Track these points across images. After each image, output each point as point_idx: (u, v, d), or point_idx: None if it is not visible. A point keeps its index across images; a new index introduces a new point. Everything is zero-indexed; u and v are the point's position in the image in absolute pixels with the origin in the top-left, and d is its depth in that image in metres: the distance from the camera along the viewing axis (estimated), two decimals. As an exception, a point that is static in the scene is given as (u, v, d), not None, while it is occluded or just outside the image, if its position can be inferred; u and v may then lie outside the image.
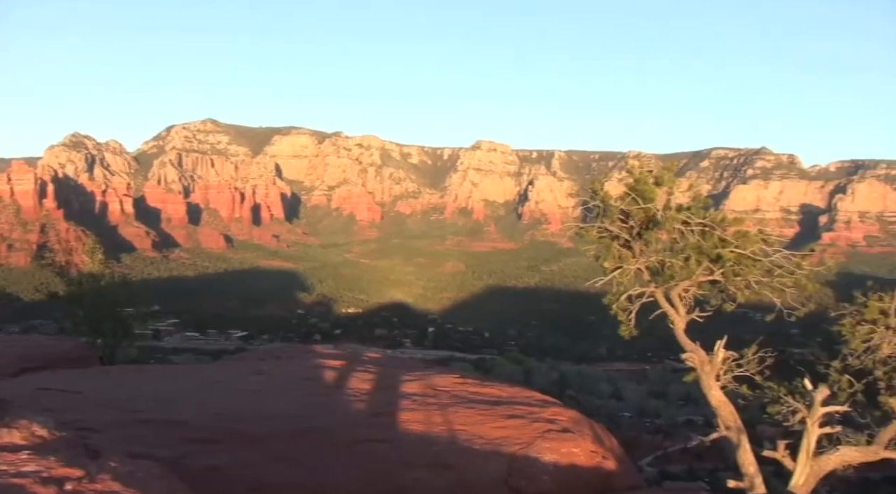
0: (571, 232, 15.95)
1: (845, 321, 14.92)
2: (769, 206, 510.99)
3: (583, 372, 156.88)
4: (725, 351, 15.12)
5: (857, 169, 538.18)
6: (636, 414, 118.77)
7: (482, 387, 18.39)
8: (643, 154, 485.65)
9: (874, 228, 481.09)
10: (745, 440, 14.91)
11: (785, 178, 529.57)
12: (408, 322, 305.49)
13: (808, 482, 14.65)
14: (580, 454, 14.19)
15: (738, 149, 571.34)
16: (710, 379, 14.89)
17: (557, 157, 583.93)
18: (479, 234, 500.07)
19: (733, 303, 14.79)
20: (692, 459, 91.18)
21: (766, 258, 14.20)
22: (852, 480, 78.82)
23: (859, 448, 15.00)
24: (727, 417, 14.95)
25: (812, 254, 15.00)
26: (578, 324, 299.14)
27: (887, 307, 14.63)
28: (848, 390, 14.98)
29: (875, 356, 14.75)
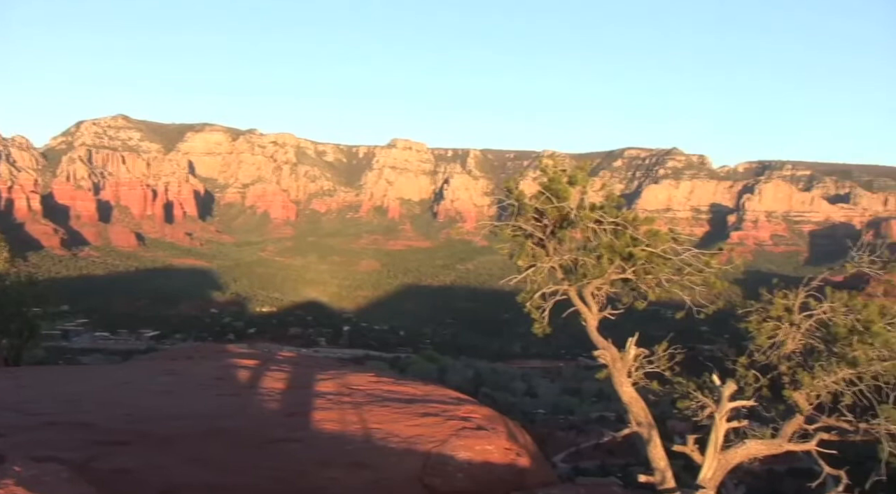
0: (486, 230, 16.00)
1: (752, 318, 15.23)
2: (680, 206, 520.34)
3: (497, 370, 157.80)
4: (637, 347, 15.34)
5: (764, 169, 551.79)
6: (550, 411, 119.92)
7: (397, 386, 18.40)
8: (557, 153, 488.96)
9: (780, 227, 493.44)
10: (656, 435, 15.14)
11: (695, 178, 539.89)
12: (323, 321, 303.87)
13: (715, 475, 14.94)
14: (494, 451, 14.26)
15: (650, 149, 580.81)
16: (622, 375, 15.10)
17: (473, 156, 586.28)
18: (395, 233, 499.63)
19: (644, 301, 15.02)
20: (605, 455, 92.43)
21: (677, 256, 14.44)
22: (758, 472, 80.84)
23: (764, 442, 15.34)
24: (638, 413, 15.17)
25: (720, 253, 15.31)
26: (493, 322, 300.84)
27: (791, 304, 14.99)
28: (754, 385, 15.30)
29: (780, 352, 15.10)
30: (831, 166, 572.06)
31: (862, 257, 15.08)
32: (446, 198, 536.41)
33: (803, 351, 15.30)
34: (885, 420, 13.93)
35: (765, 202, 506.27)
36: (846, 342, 14.15)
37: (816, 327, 15.10)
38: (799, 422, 15.01)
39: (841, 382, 14.34)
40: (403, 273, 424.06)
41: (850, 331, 14.23)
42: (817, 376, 14.20)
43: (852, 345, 13.99)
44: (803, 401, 14.63)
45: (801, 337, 15.09)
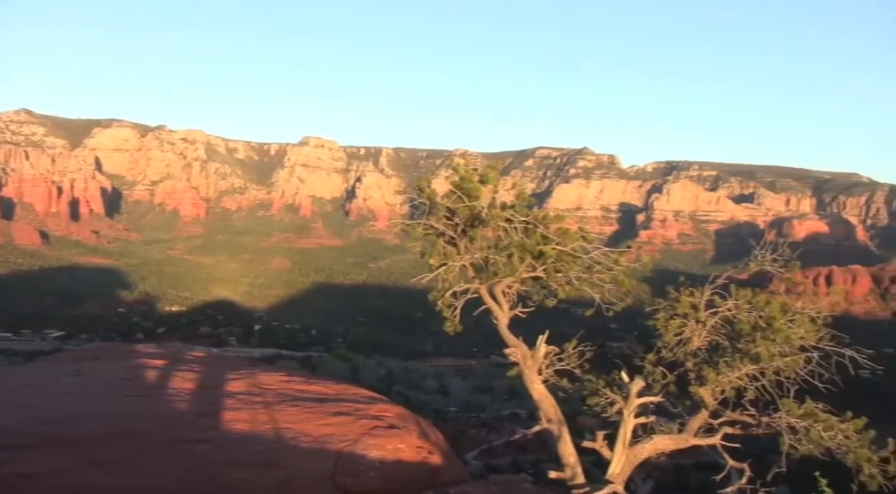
0: (398, 229, 15.97)
1: (659, 315, 15.47)
2: (590, 205, 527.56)
3: (410, 368, 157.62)
4: (547, 345, 15.47)
5: (672, 170, 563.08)
6: (462, 409, 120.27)
7: (309, 385, 18.26)
8: (469, 152, 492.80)
9: (687, 226, 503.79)
10: (566, 431, 15.30)
11: (605, 178, 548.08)
12: (233, 320, 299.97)
13: (624, 470, 15.17)
14: (406, 449, 14.28)
15: (561, 148, 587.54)
16: (533, 373, 15.22)
17: (385, 154, 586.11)
18: (307, 231, 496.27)
19: (555, 299, 15.15)
20: (516, 451, 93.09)
21: (586, 255, 14.60)
22: (665, 466, 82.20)
23: (671, 437, 15.63)
24: (549, 410, 15.32)
25: (629, 251, 15.53)
26: (406, 321, 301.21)
27: (697, 302, 15.29)
28: (661, 381, 15.56)
29: (686, 348, 15.38)
30: (736, 167, 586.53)
31: (765, 256, 15.44)
32: (359, 197, 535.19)
33: (709, 347, 15.61)
34: (786, 413, 14.31)
35: (672, 201, 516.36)
36: (749, 338, 14.48)
37: (721, 324, 15.41)
38: (704, 417, 15.32)
39: (744, 377, 14.68)
40: (315, 271, 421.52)
41: (753, 328, 14.57)
42: (722, 372, 14.50)
43: (755, 342, 14.32)
44: (708, 397, 14.94)
45: (706, 333, 15.39)
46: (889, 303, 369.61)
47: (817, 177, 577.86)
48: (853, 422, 14.17)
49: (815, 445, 14.25)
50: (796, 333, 14.41)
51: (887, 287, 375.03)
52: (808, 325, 14.60)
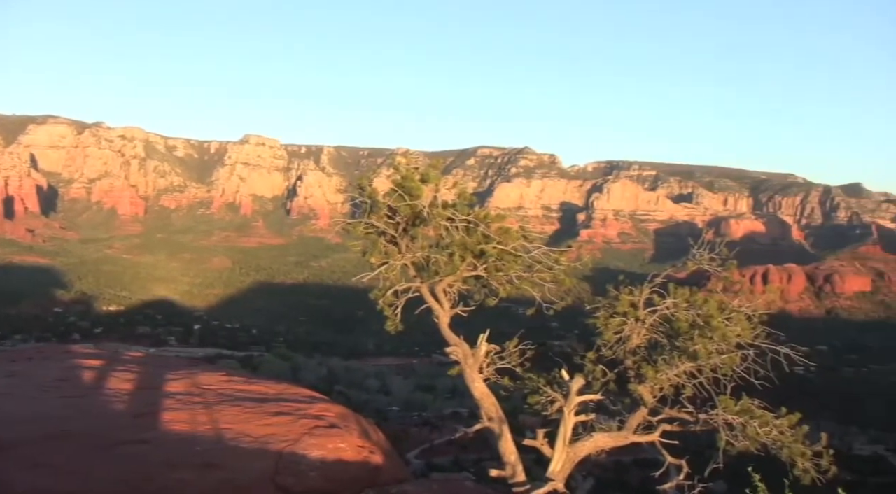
0: (339, 227, 15.92)
1: (599, 314, 15.61)
2: (531, 204, 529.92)
3: (351, 368, 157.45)
4: (488, 344, 15.54)
5: (612, 169, 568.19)
6: (404, 408, 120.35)
7: (249, 385, 18.12)
8: (411, 151, 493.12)
9: (627, 226, 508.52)
10: (507, 430, 15.38)
11: (546, 177, 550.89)
12: (173, 319, 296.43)
13: (564, 467, 15.28)
14: (347, 449, 14.22)
15: (502, 148, 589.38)
16: (474, 371, 15.27)
17: (327, 153, 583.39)
18: (247, 230, 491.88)
19: (496, 298, 15.22)
20: (458, 450, 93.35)
21: (527, 254, 14.68)
22: (606, 464, 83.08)
23: (611, 434, 15.78)
24: (490, 408, 15.38)
25: (569, 250, 15.67)
26: (347, 320, 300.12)
27: (636, 300, 15.45)
28: (601, 379, 15.70)
29: (625, 346, 15.53)
30: (675, 167, 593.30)
31: (702, 255, 15.67)
32: (300, 195, 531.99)
33: (648, 345, 15.78)
34: (723, 410, 14.54)
35: (613, 201, 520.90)
36: (688, 336, 14.67)
37: (660, 322, 15.59)
38: (643, 414, 15.49)
39: (682, 375, 14.87)
40: (256, 270, 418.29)
41: (691, 326, 14.77)
42: (660, 369, 14.68)
43: (693, 339, 14.51)
44: (647, 394, 15.10)
45: (645, 332, 15.57)
46: (823, 301, 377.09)
47: (754, 178, 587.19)
48: (787, 418, 14.45)
49: (751, 441, 14.49)
50: (733, 331, 14.63)
51: (821, 285, 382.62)
52: (745, 323, 14.84)
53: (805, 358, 14.91)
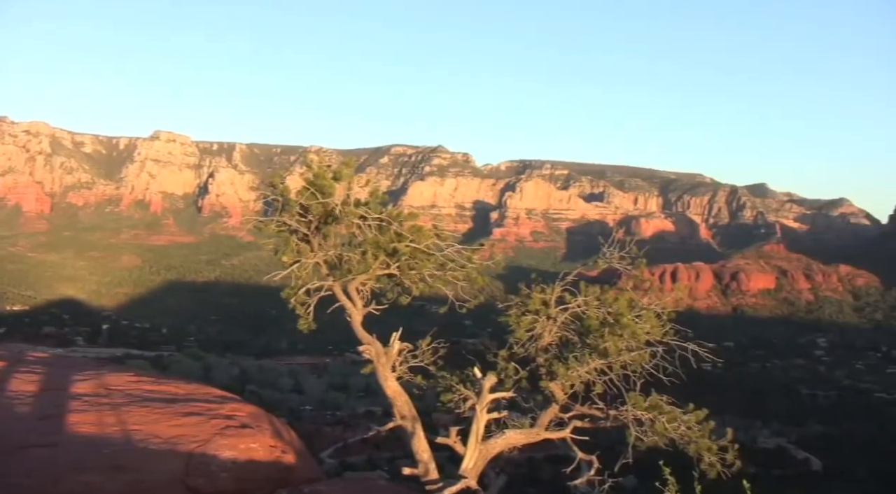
0: (251, 225, 15.76)
1: (511, 312, 15.73)
2: (445, 202, 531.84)
3: (264, 367, 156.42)
4: (401, 342, 15.55)
5: (525, 168, 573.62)
6: (318, 407, 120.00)
7: (158, 385, 17.82)
8: (324, 149, 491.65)
9: (540, 224, 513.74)
10: (420, 428, 15.40)
11: (460, 176, 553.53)
12: (80, 319, 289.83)
13: (477, 464, 15.36)
14: (259, 449, 14.10)
15: (416, 146, 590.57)
16: (386, 370, 15.25)
17: (239, 150, 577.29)
18: (157, 227, 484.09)
19: (409, 296, 15.23)
20: (372, 449, 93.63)
21: (440, 252, 14.72)
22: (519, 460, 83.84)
23: (523, 431, 15.92)
24: (402, 407, 15.38)
25: (482, 249, 15.79)
26: (260, 319, 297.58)
27: (548, 298, 15.59)
28: (514, 377, 15.80)
29: (537, 344, 15.68)
30: (587, 166, 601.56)
31: (613, 253, 15.90)
32: (211, 193, 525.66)
33: (559, 343, 15.96)
34: (633, 406, 14.77)
35: (525, 200, 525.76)
36: (598, 334, 14.87)
37: (571, 320, 15.77)
38: (555, 411, 15.66)
39: (593, 372, 15.07)
40: (166, 269, 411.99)
41: (601, 324, 14.97)
42: (571, 367, 14.85)
43: (604, 337, 14.72)
44: (559, 391, 15.26)
45: (557, 329, 15.73)
46: (729, 299, 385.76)
47: (663, 177, 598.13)
48: (695, 414, 14.75)
49: (659, 436, 14.76)
50: (643, 328, 14.88)
51: (728, 283, 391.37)
52: (654, 321, 15.09)
53: (712, 355, 15.24)
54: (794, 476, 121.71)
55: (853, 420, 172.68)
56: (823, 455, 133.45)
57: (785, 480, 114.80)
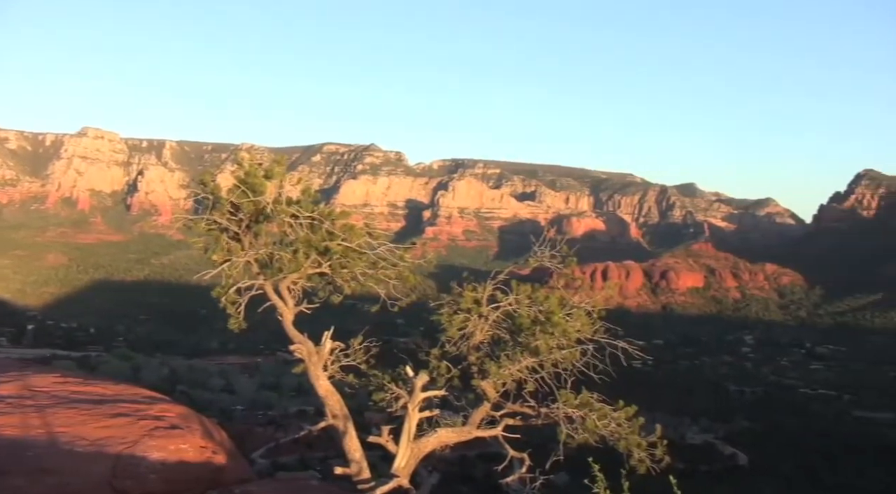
0: (181, 224, 15.58)
1: (443, 310, 15.77)
2: (377, 201, 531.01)
3: (194, 367, 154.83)
4: (333, 341, 15.50)
5: (458, 167, 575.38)
6: (249, 407, 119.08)
7: (85, 386, 17.52)
8: (256, 147, 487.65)
9: (472, 223, 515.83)
10: (352, 427, 15.37)
11: (392, 175, 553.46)
12: (4, 319, 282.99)
13: (409, 463, 15.38)
14: (189, 450, 13.95)
15: (348, 145, 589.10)
16: (318, 369, 15.19)
17: (169, 147, 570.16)
18: (85, 226, 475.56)
19: (341, 295, 15.19)
20: (304, 449, 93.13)
21: (372, 251, 14.70)
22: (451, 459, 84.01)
23: (455, 429, 15.98)
24: (334, 406, 15.33)
25: (414, 247, 15.83)
26: (190, 318, 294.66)
27: (480, 297, 15.67)
28: (446, 375, 15.85)
29: (469, 343, 15.74)
30: (519, 166, 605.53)
31: (544, 252, 16.03)
32: (140, 191, 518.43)
33: (491, 341, 16.06)
34: (564, 404, 14.91)
35: (458, 198, 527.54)
36: (529, 332, 14.98)
37: (503, 318, 15.88)
38: (486, 409, 15.75)
39: (524, 370, 15.18)
40: (94, 268, 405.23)
41: (533, 322, 15.08)
42: (503, 365, 14.94)
43: (535, 335, 14.83)
44: (490, 389, 15.35)
45: (488, 328, 15.82)
46: (659, 297, 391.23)
47: (595, 177, 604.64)
48: (624, 411, 14.94)
49: (590, 433, 14.92)
50: (573, 326, 15.02)
51: (657, 282, 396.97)
52: (585, 319, 15.26)
53: (642, 352, 15.43)
54: (721, 472, 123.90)
55: (779, 415, 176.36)
56: (750, 451, 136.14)
57: (712, 475, 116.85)
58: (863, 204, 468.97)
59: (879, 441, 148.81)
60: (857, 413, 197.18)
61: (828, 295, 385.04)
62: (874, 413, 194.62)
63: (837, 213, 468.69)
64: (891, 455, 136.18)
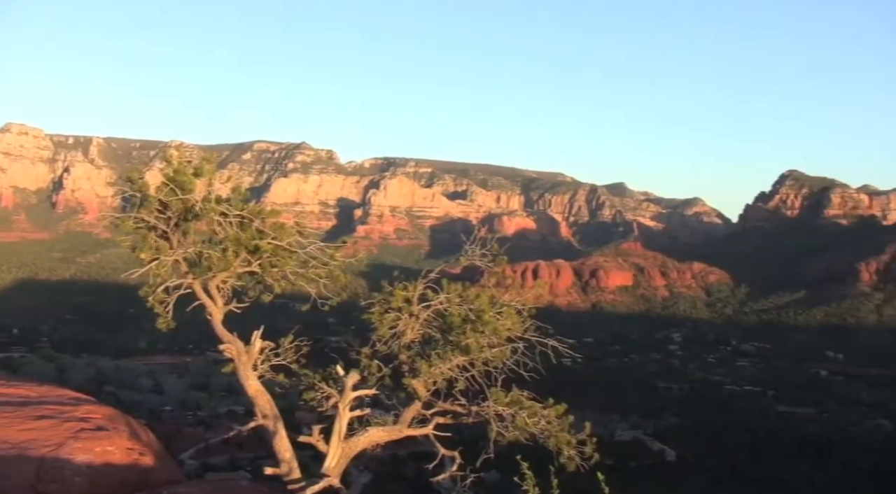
0: (108, 222, 15.35)
1: (374, 309, 15.77)
2: (308, 200, 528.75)
3: (122, 367, 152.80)
4: (263, 340, 15.39)
5: (389, 166, 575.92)
6: (178, 407, 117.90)
7: (7, 388, 17.18)
8: (185, 144, 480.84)
9: (403, 222, 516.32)
10: (282, 427, 15.28)
11: (324, 173, 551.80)
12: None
13: (340, 462, 15.33)
14: (115, 452, 13.76)
15: (279, 143, 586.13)
16: (248, 369, 15.08)
17: (96, 144, 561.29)
18: (8, 224, 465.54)
19: (271, 294, 15.10)
20: (234, 449, 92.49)
21: (302, 249, 14.65)
22: (382, 458, 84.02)
23: (385, 428, 15.98)
24: (264, 406, 15.23)
25: (345, 246, 15.75)
26: (118, 317, 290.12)
27: (411, 295, 15.69)
28: (377, 374, 15.85)
29: (400, 341, 15.76)
30: (450, 164, 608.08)
31: (475, 251, 16.12)
32: (66, 188, 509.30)
33: (422, 340, 16.09)
34: (494, 402, 15.01)
35: (389, 197, 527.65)
36: (460, 330, 15.04)
37: (434, 317, 15.91)
38: (417, 408, 15.78)
39: (455, 369, 15.24)
40: (17, 267, 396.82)
41: (463, 320, 15.14)
42: (434, 364, 14.98)
43: (466, 334, 14.89)
44: (421, 388, 15.38)
45: (419, 326, 15.85)
46: (589, 296, 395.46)
47: (525, 176, 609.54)
48: (554, 408, 15.08)
49: (520, 431, 15.03)
50: (504, 325, 15.12)
51: (587, 280, 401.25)
52: (515, 317, 15.36)
53: (572, 350, 15.59)
54: (649, 467, 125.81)
55: (705, 411, 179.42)
56: (678, 446, 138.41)
57: (641, 471, 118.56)
58: (787, 203, 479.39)
59: (802, 436, 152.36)
60: (780, 408, 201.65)
61: (753, 293, 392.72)
62: (796, 408, 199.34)
63: (762, 213, 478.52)
64: (813, 448, 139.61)
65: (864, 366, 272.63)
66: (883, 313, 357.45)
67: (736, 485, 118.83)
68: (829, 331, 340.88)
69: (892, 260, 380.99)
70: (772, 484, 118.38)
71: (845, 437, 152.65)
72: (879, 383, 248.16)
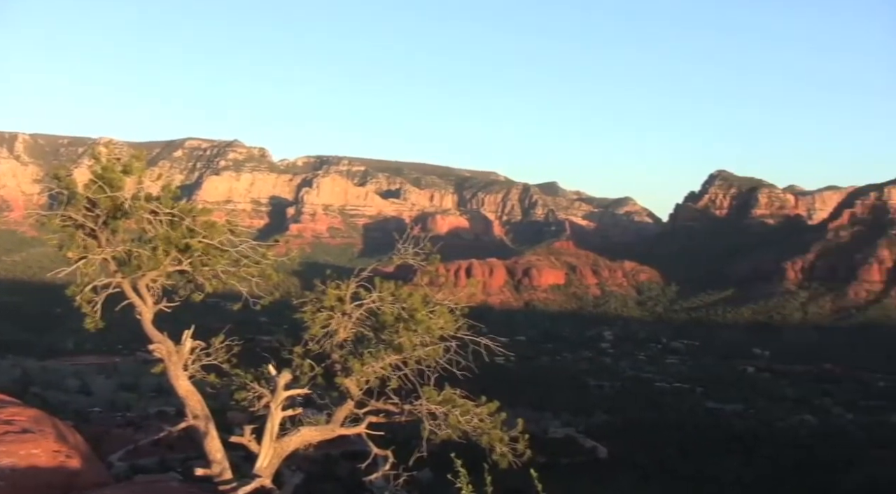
0: (34, 220, 15.09)
1: (307, 308, 15.72)
2: (240, 198, 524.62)
3: (48, 368, 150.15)
4: (193, 340, 15.25)
5: (322, 164, 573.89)
6: (107, 408, 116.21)
7: (-72, 390, 16.84)
8: (115, 141, 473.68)
9: (336, 220, 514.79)
10: (213, 427, 15.16)
11: (256, 171, 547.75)
12: None
13: (272, 463, 15.26)
14: (41, 454, 13.56)
15: (211, 140, 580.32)
16: (178, 369, 14.93)
17: (22, 140, 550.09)
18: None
19: (202, 293, 14.97)
20: (165, 450, 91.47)
21: (234, 248, 14.55)
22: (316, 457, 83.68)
23: (318, 428, 15.94)
24: (195, 406, 15.09)
25: (277, 245, 15.69)
26: (44, 317, 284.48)
27: (343, 294, 15.68)
28: (309, 374, 15.79)
29: (333, 340, 15.74)
30: (384, 163, 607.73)
31: (407, 250, 16.17)
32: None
33: (355, 339, 16.09)
34: (427, 400, 15.05)
35: (322, 195, 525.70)
36: (393, 329, 15.09)
37: (367, 316, 15.93)
38: (350, 407, 15.76)
39: (388, 367, 15.26)
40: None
41: (396, 319, 15.19)
42: (367, 362, 14.99)
43: (398, 332, 14.94)
44: (354, 387, 15.37)
45: (352, 325, 15.85)
46: (521, 294, 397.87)
47: (459, 175, 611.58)
48: (487, 406, 15.17)
49: (453, 429, 15.10)
50: (436, 324, 15.18)
51: (520, 279, 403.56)
52: (448, 316, 15.44)
53: (504, 349, 15.72)
54: (581, 464, 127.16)
55: (636, 408, 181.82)
56: (609, 443, 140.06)
57: (573, 468, 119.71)
58: (716, 203, 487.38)
59: (729, 431, 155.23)
60: (709, 404, 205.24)
61: (683, 291, 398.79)
62: (724, 404, 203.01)
63: (692, 213, 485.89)
64: (740, 444, 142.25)
65: (790, 363, 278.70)
66: (808, 311, 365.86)
67: (666, 480, 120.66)
68: (756, 329, 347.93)
69: (816, 259, 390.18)
70: (701, 480, 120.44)
71: (771, 433, 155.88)
72: (804, 380, 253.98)
